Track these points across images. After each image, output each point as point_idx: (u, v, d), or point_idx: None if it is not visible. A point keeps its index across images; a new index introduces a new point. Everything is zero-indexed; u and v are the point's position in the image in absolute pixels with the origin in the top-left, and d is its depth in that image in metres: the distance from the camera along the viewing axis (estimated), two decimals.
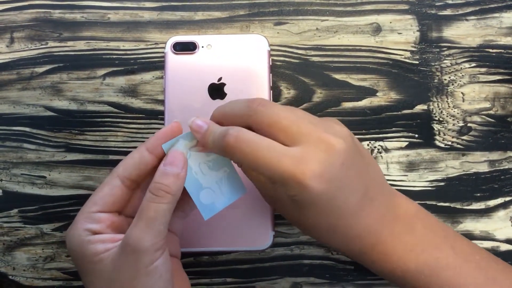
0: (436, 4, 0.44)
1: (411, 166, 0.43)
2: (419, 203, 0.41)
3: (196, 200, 0.33)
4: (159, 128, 0.43)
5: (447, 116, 0.43)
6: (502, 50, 0.44)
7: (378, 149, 0.43)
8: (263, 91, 0.41)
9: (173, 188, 0.31)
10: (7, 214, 0.43)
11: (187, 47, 0.42)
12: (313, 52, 0.44)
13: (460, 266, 0.33)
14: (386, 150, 0.43)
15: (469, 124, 0.43)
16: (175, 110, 0.41)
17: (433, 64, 0.44)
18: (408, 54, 0.44)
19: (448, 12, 0.44)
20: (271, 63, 0.42)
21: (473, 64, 0.44)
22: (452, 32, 0.44)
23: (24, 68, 0.44)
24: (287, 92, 0.43)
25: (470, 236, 0.43)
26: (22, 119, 0.43)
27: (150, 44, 0.44)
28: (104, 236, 0.32)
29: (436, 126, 0.43)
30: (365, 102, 0.43)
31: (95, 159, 0.43)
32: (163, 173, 0.32)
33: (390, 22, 0.44)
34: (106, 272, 0.31)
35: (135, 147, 0.42)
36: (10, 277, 0.42)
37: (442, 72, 0.44)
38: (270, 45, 0.42)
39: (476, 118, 0.43)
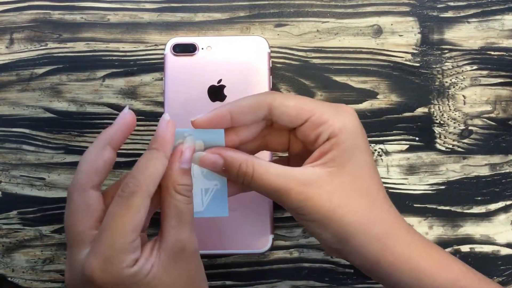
0: (438, 6, 0.44)
1: (411, 169, 0.43)
2: (419, 207, 0.41)
3: None
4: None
5: (448, 119, 0.43)
6: (504, 53, 0.44)
7: (379, 152, 0.43)
8: None
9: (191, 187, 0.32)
10: (6, 215, 0.43)
11: (187, 49, 0.42)
12: (313, 54, 0.44)
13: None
14: (387, 153, 0.43)
15: (470, 127, 0.43)
16: (174, 112, 0.41)
17: (434, 66, 0.43)
18: (409, 56, 0.44)
19: (449, 14, 0.44)
20: (271, 65, 0.42)
21: (475, 67, 0.43)
22: (454, 34, 0.44)
23: (24, 69, 0.44)
24: None
25: (470, 240, 0.42)
26: (21, 121, 0.43)
27: (150, 46, 0.44)
28: (143, 262, 0.29)
29: (437, 129, 0.43)
30: (365, 105, 0.43)
31: None
32: (185, 173, 0.31)
33: (391, 24, 0.44)
34: (163, 285, 0.30)
35: (135, 149, 0.42)
36: (9, 279, 0.42)
37: (443, 75, 0.43)
38: (270, 47, 0.42)
39: (477, 121, 0.43)
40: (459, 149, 0.43)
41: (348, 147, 0.31)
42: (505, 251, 0.42)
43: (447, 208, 0.43)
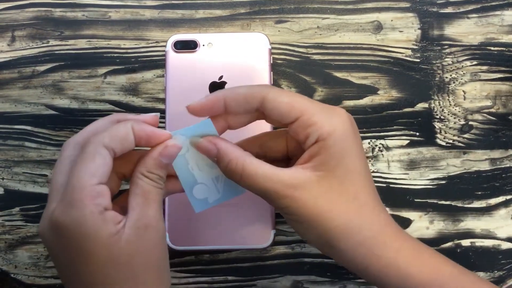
0: (438, 2, 0.44)
1: (412, 165, 0.43)
2: (420, 202, 0.41)
3: (189, 194, 0.33)
4: (159, 126, 0.43)
5: (448, 114, 0.43)
6: (504, 48, 0.44)
7: (379, 148, 0.43)
8: None
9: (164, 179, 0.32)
10: (9, 212, 0.43)
11: (188, 46, 0.42)
12: (314, 50, 0.44)
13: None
14: (387, 148, 0.43)
15: (470, 122, 0.43)
16: (176, 108, 0.41)
17: (434, 62, 0.44)
18: (409, 52, 0.44)
19: (449, 10, 0.44)
20: (272, 61, 0.42)
21: (475, 62, 0.44)
22: (454, 30, 0.44)
23: (26, 67, 0.44)
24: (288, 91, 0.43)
25: (471, 234, 0.43)
26: (23, 118, 0.43)
27: (151, 43, 0.44)
28: (114, 214, 0.29)
29: (437, 124, 0.43)
30: (366, 101, 0.43)
31: None
32: (160, 165, 0.31)
33: (391, 20, 0.44)
34: (123, 256, 0.29)
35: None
36: (12, 275, 0.42)
37: (444, 70, 0.44)
38: (271, 43, 0.42)
39: (477, 116, 0.43)
40: (460, 144, 0.43)
41: (336, 152, 0.31)
42: (505, 245, 0.43)
43: (448, 202, 0.43)
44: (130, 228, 0.30)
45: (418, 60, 0.44)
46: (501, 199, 0.43)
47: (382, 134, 0.43)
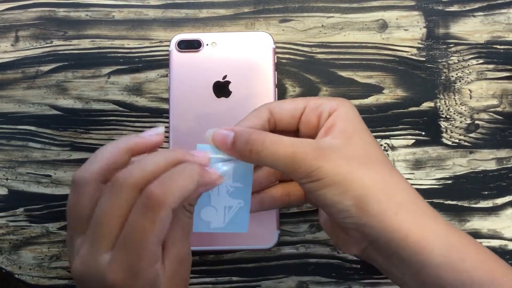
0: (443, 0, 0.44)
1: (418, 164, 0.43)
2: (426, 201, 0.41)
3: (196, 211, 0.33)
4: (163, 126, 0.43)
5: (454, 114, 0.43)
6: (510, 47, 0.43)
7: (385, 147, 0.43)
8: (268, 89, 0.41)
9: None
10: (13, 213, 0.43)
11: (191, 45, 0.42)
12: (318, 49, 0.43)
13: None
14: (393, 148, 0.43)
15: (476, 122, 0.43)
16: (180, 108, 0.41)
17: (440, 61, 0.43)
18: (414, 51, 0.43)
19: (455, 8, 0.44)
20: (276, 61, 0.42)
21: (481, 61, 0.43)
22: (459, 28, 0.44)
23: (29, 67, 0.44)
24: (293, 90, 0.43)
25: (477, 234, 0.42)
26: (27, 118, 0.43)
27: (155, 42, 0.44)
28: (160, 258, 0.29)
29: (443, 124, 0.43)
30: (371, 100, 0.43)
31: None
32: (199, 196, 0.31)
33: (397, 19, 0.44)
34: None
35: None
36: (16, 276, 0.42)
37: (449, 69, 0.43)
38: (275, 42, 0.42)
39: (483, 115, 0.43)
40: (466, 144, 0.43)
41: (350, 119, 0.32)
42: None
43: (454, 202, 0.42)
44: (171, 264, 0.30)
45: (424, 59, 0.43)
46: (507, 198, 0.42)
47: (387, 133, 0.43)
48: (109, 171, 0.30)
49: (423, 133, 0.43)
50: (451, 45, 0.43)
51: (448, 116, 0.43)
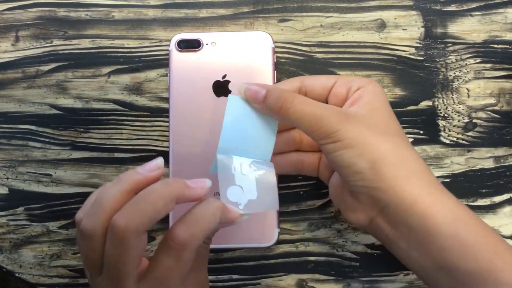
0: (441, 0, 0.44)
1: None
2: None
3: (222, 193, 0.33)
4: (163, 125, 0.43)
5: (452, 112, 0.43)
6: (507, 46, 0.44)
7: None
8: None
9: None
10: (13, 212, 0.43)
11: (191, 45, 0.42)
12: (317, 49, 0.44)
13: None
14: None
15: (474, 120, 0.43)
16: (179, 107, 0.41)
17: (438, 60, 0.44)
18: (413, 50, 0.44)
19: (452, 7, 0.44)
20: (275, 60, 0.42)
21: (478, 60, 0.44)
22: (457, 28, 0.44)
23: (29, 67, 0.44)
24: None
25: None
26: (27, 118, 0.43)
27: (155, 42, 0.44)
28: None
29: (441, 122, 0.43)
30: None
31: (101, 157, 0.43)
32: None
33: (395, 18, 0.44)
34: None
35: (140, 145, 0.43)
36: (17, 274, 0.43)
37: (447, 68, 0.44)
38: (274, 42, 0.42)
39: (481, 114, 0.43)
40: (464, 142, 0.43)
41: (377, 94, 0.34)
42: (510, 243, 0.42)
43: None
44: None
45: (422, 58, 0.44)
46: (505, 196, 0.43)
47: None
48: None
49: (421, 131, 0.43)
50: (449, 45, 0.44)
51: (446, 115, 0.43)
